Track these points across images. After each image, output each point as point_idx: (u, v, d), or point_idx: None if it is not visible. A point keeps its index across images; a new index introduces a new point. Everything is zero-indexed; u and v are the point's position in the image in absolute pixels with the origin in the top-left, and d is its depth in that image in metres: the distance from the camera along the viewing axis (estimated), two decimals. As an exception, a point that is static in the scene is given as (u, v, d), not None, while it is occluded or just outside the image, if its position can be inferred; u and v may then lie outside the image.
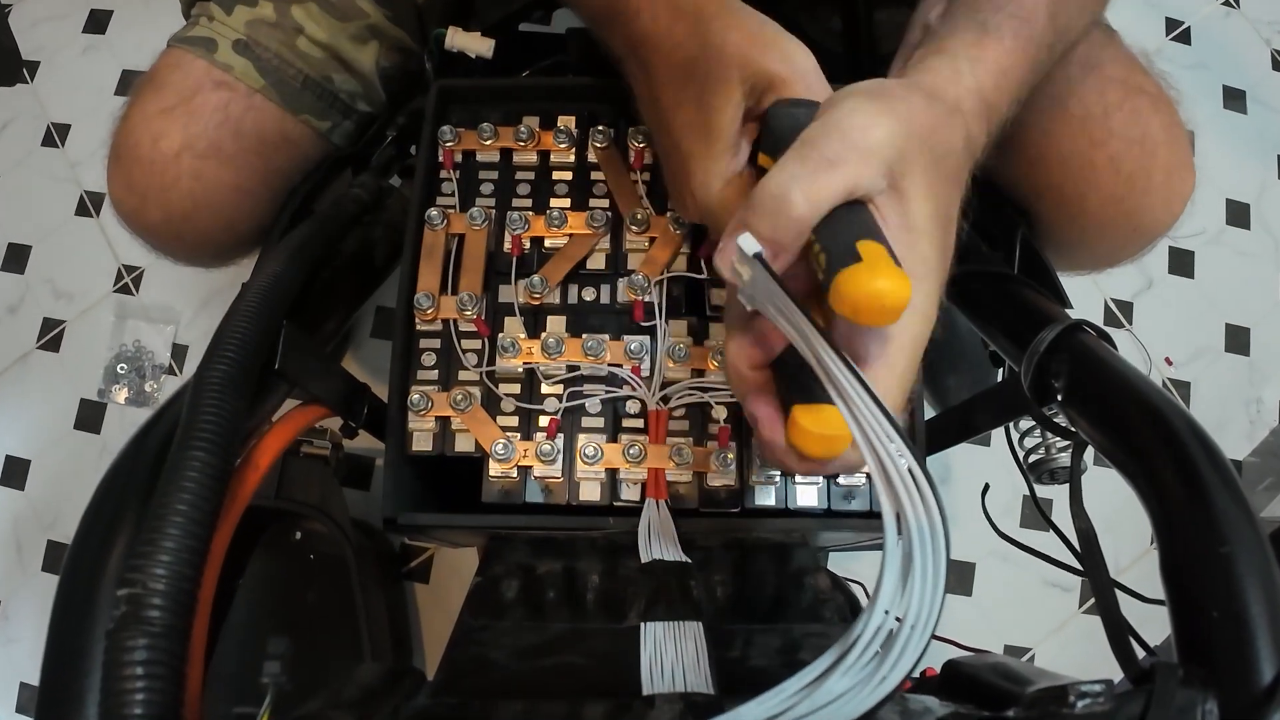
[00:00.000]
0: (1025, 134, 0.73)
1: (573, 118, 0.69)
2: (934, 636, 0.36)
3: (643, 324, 0.63)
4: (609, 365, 0.62)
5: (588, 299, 0.64)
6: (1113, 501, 0.75)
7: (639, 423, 0.62)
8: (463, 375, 0.63)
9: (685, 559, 0.55)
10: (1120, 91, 0.72)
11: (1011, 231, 0.75)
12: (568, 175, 0.68)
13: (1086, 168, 0.72)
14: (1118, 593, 0.51)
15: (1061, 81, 0.71)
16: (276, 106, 0.76)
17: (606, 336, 0.62)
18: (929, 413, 0.65)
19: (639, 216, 0.64)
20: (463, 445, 0.62)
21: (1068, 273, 0.82)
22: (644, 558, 0.55)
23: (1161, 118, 0.72)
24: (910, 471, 0.37)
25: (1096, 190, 0.72)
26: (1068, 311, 0.66)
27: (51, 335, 1.53)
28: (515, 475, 0.61)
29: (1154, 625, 0.50)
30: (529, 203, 0.67)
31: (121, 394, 1.49)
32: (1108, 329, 0.60)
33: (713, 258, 0.45)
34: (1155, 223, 0.75)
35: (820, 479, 0.61)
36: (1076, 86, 0.71)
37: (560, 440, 0.61)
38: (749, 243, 0.42)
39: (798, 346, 0.40)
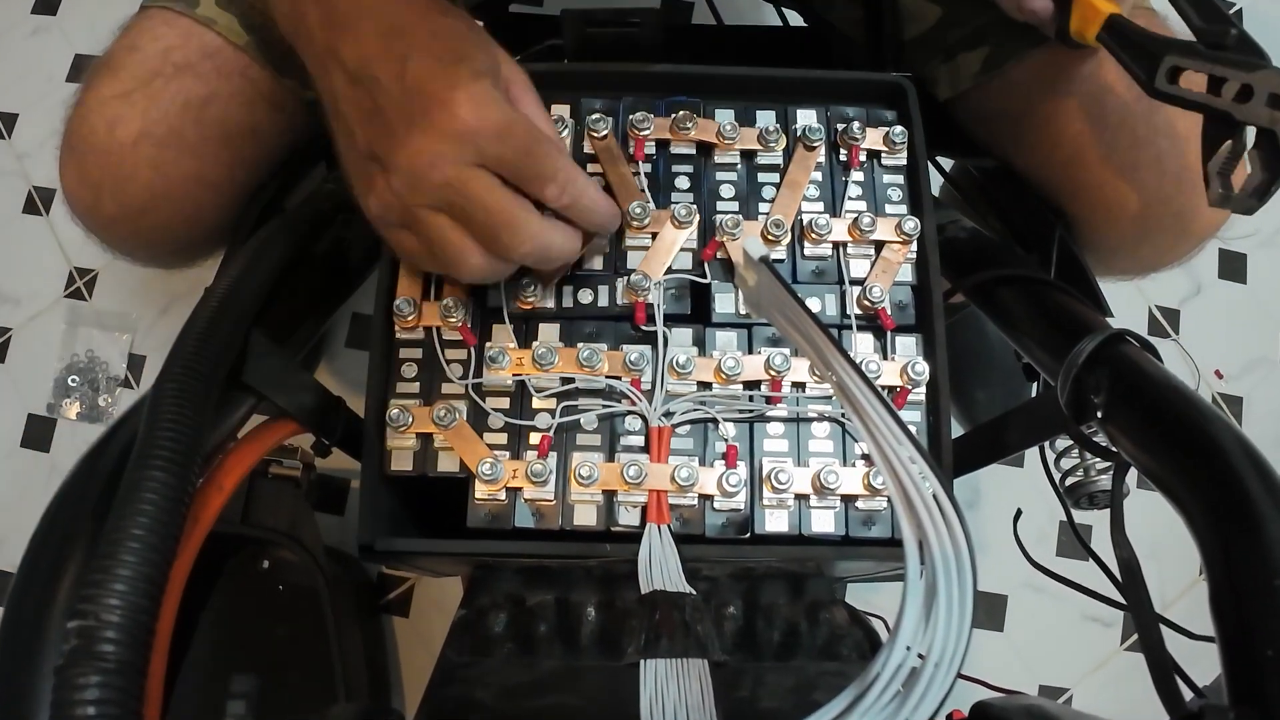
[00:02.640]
0: (1061, 132, 0.73)
1: (567, 106, 0.69)
2: (960, 676, 0.36)
3: (643, 329, 0.63)
4: (606, 377, 0.62)
5: (584, 302, 0.64)
6: (1157, 528, 0.75)
7: (639, 440, 0.62)
8: (446, 388, 0.63)
9: (689, 590, 0.55)
10: None
11: (1048, 233, 0.75)
12: (562, 170, 0.68)
13: (1128, 167, 0.72)
14: (1163, 628, 0.51)
15: (1097, 75, 0.71)
16: (253, 80, 0.76)
17: (604, 346, 0.62)
18: (956, 430, 0.65)
19: (639, 211, 0.64)
20: (446, 465, 0.62)
21: (1108, 278, 0.82)
22: (644, 588, 0.55)
23: None
24: (935, 496, 0.37)
25: (1139, 190, 0.72)
26: (1108, 320, 0.66)
27: (-4, 344, 1.53)
28: (503, 498, 0.61)
29: (1202, 664, 0.50)
30: (519, 200, 0.67)
31: (73, 409, 1.49)
32: (1152, 339, 0.60)
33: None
34: (1203, 223, 0.75)
35: (837, 503, 0.61)
36: (1115, 80, 0.71)
37: (553, 459, 0.61)
38: (755, 246, 0.42)
39: (809, 358, 0.40)
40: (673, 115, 0.67)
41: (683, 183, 0.67)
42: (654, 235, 0.65)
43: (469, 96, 0.51)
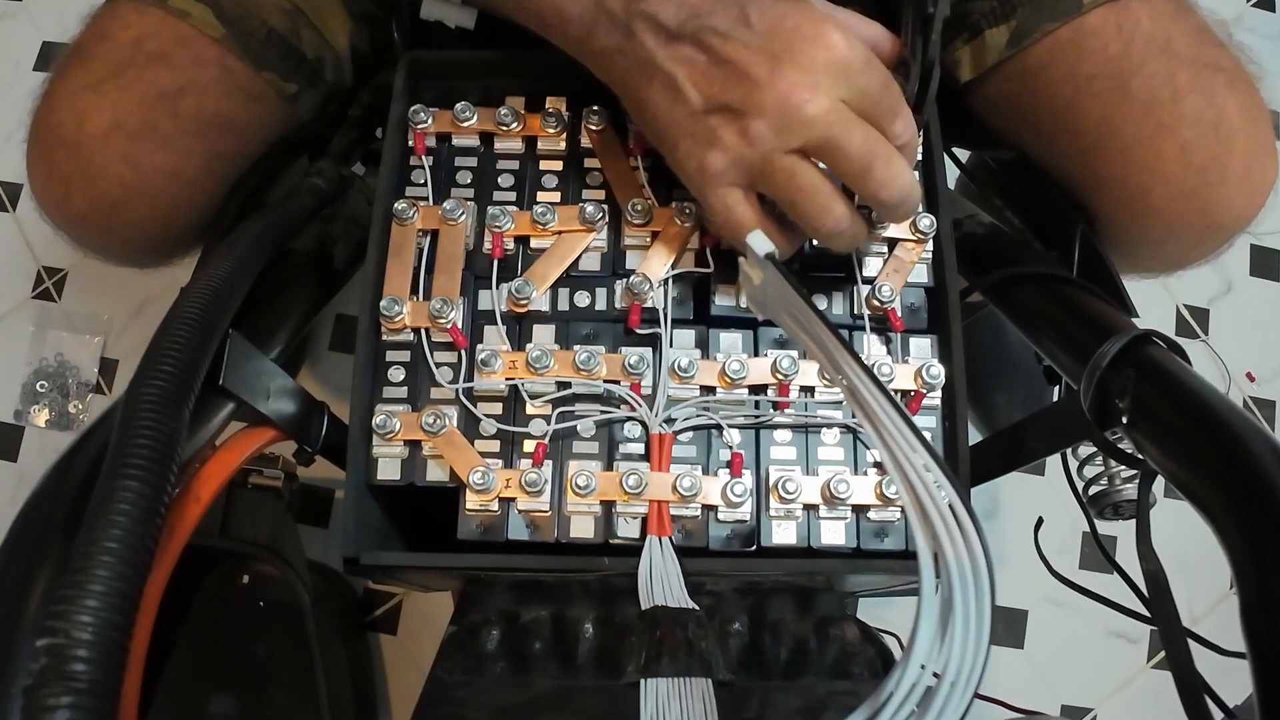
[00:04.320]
0: (1082, 119, 0.73)
1: (563, 98, 0.69)
2: (977, 695, 0.36)
3: (641, 333, 0.63)
4: (604, 382, 0.62)
5: (580, 305, 0.64)
6: (1185, 540, 0.75)
7: (639, 448, 0.62)
8: (435, 393, 0.63)
9: (692, 605, 0.55)
10: (1191, 70, 0.72)
11: (1069, 229, 0.75)
12: (557, 165, 0.68)
13: (1153, 157, 0.72)
14: (1191, 644, 0.51)
15: (1120, 59, 0.71)
16: (230, 71, 0.76)
17: (602, 349, 0.63)
18: (974, 436, 0.65)
19: (639, 207, 0.64)
20: (435, 474, 0.62)
21: (1133, 275, 0.82)
22: (644, 604, 0.55)
23: (1239, 97, 0.73)
24: (951, 506, 0.37)
25: (1165, 183, 0.72)
26: (1134, 320, 0.66)
27: (-39, 347, 1.53)
28: (496, 509, 0.61)
29: (1233, 682, 0.50)
30: (512, 196, 0.67)
31: (41, 416, 1.49)
32: (1180, 340, 0.60)
33: None
34: (1234, 217, 0.75)
35: (848, 514, 0.61)
36: (1140, 64, 0.71)
37: (548, 468, 0.61)
38: (760, 242, 0.42)
39: (816, 359, 0.41)
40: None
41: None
42: (654, 234, 0.65)
43: (838, 28, 0.54)
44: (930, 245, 0.65)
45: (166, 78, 0.74)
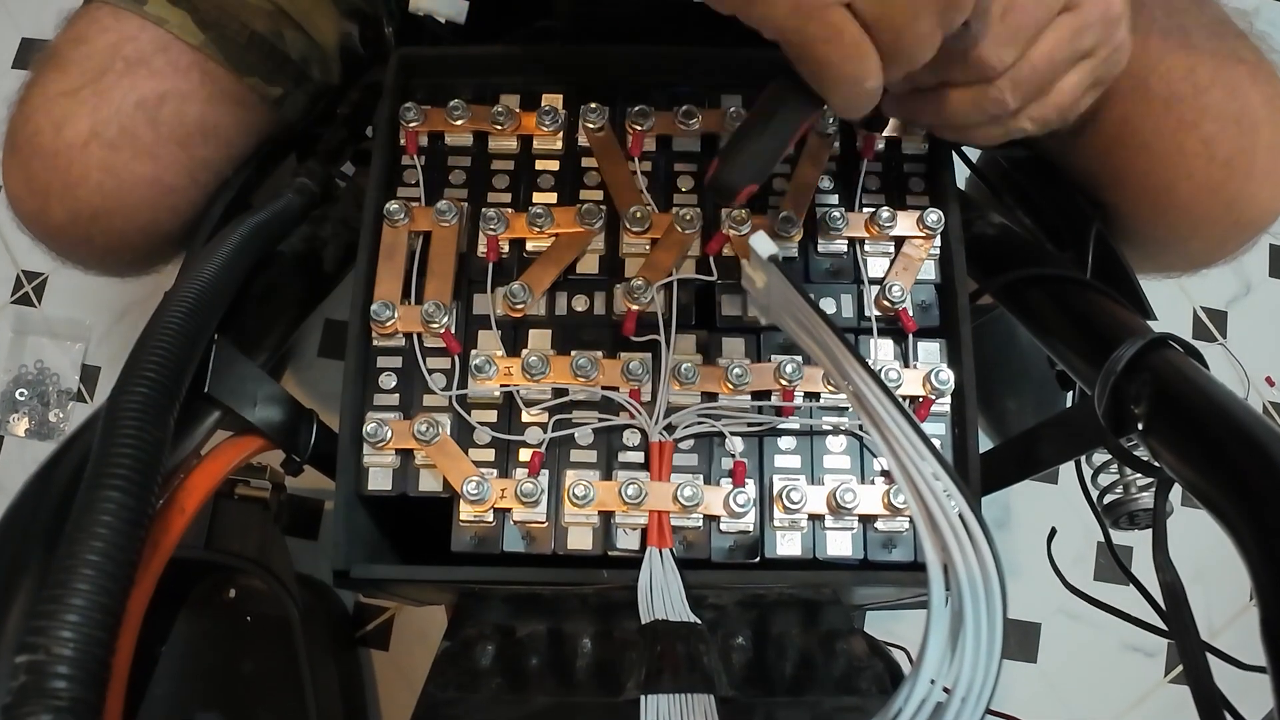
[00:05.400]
0: (1101, 113, 0.73)
1: (560, 95, 0.69)
2: (989, 711, 0.36)
3: (638, 339, 0.63)
4: (603, 388, 0.62)
5: (578, 309, 0.64)
6: (1204, 550, 0.75)
7: (638, 457, 0.62)
8: (428, 400, 0.63)
9: (694, 619, 0.55)
10: (1212, 62, 0.72)
11: (1084, 228, 0.75)
12: (554, 165, 0.68)
13: (1174, 152, 0.72)
14: (1210, 658, 0.51)
15: (1139, 55, 0.71)
16: (212, 77, 0.76)
17: (600, 354, 0.63)
18: (984, 444, 0.65)
19: (638, 215, 0.64)
20: (428, 484, 0.62)
21: (1150, 276, 0.82)
22: (644, 618, 0.55)
23: (1262, 90, 0.73)
24: (961, 515, 0.37)
25: (1187, 178, 0.72)
26: (1150, 323, 0.66)
27: (-62, 354, 1.53)
28: (491, 519, 0.61)
29: (1253, 697, 0.50)
30: (507, 197, 0.67)
31: (21, 425, 1.49)
32: (1197, 343, 0.60)
33: None
34: (1257, 214, 0.75)
35: (855, 524, 0.61)
36: (1159, 58, 0.71)
37: (544, 478, 0.61)
38: (763, 243, 0.42)
39: (822, 365, 0.41)
40: (675, 109, 0.67)
41: (685, 182, 0.67)
42: (654, 241, 0.65)
43: None
44: (938, 241, 0.65)
45: (146, 84, 0.74)
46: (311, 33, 0.80)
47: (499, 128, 0.68)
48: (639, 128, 0.66)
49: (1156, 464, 0.57)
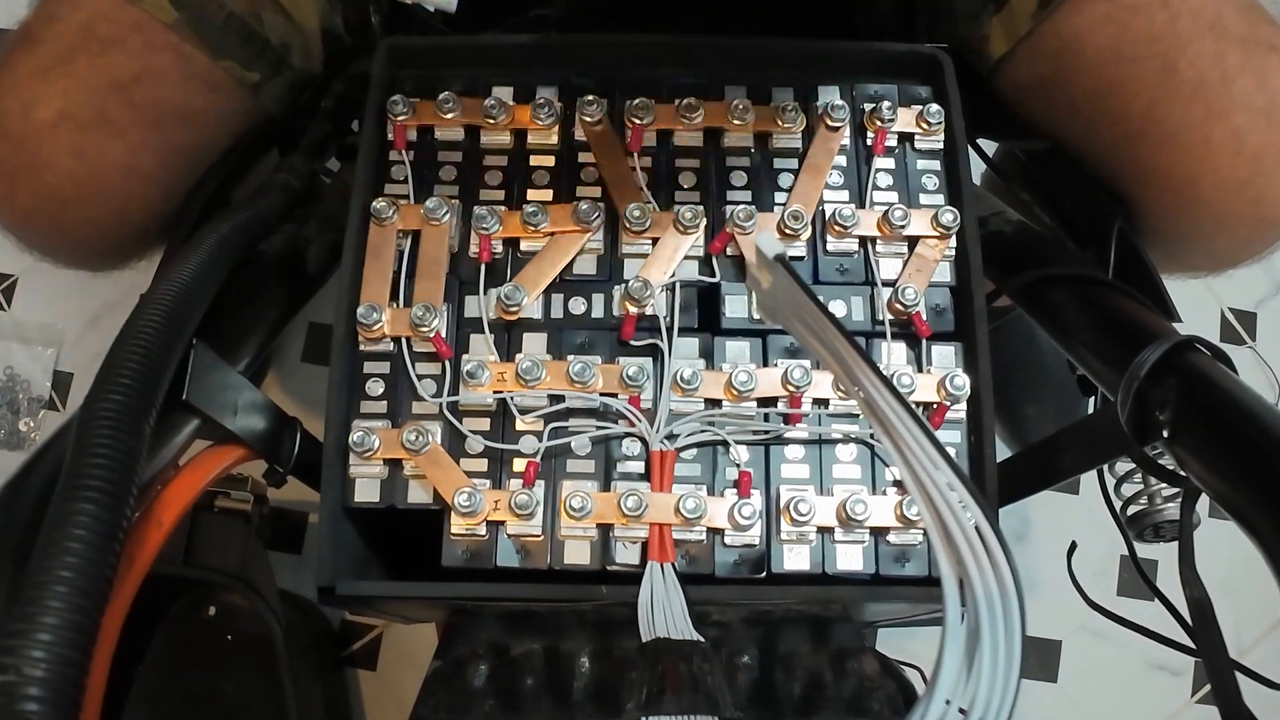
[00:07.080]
0: (1124, 104, 0.73)
1: (555, 87, 0.69)
2: (1008, 733, 0.36)
3: (638, 343, 0.63)
4: (601, 395, 0.62)
5: (575, 312, 0.64)
6: (1232, 563, 0.75)
7: (638, 467, 0.62)
8: (418, 408, 0.63)
9: (697, 637, 0.55)
10: (1241, 49, 0.72)
11: (1105, 225, 0.75)
12: (549, 160, 0.68)
13: (1201, 145, 0.72)
14: (1239, 677, 0.51)
15: (1167, 38, 0.71)
16: (187, 58, 0.76)
17: (598, 359, 0.63)
18: (1002, 452, 0.65)
19: (637, 213, 0.64)
20: (417, 495, 0.62)
21: (1175, 275, 0.82)
22: (645, 635, 0.55)
23: None
24: (977, 528, 0.37)
25: (1214, 172, 0.72)
26: (1175, 325, 0.66)
27: (-98, 359, 1.53)
28: (483, 533, 0.61)
29: (1285, 718, 0.50)
30: (501, 194, 0.67)
31: (-10, 432, 1.49)
32: (1225, 346, 0.60)
33: None
34: None
35: (866, 537, 0.61)
36: (1187, 43, 0.71)
37: (540, 489, 0.61)
38: (769, 242, 0.42)
39: (830, 368, 0.40)
40: (676, 102, 0.67)
41: (687, 179, 0.67)
42: (654, 241, 0.65)
43: None
44: (953, 241, 0.65)
45: (119, 65, 0.74)
46: (293, 13, 0.80)
47: (491, 121, 0.68)
48: (638, 121, 0.66)
49: (1182, 473, 0.57)
